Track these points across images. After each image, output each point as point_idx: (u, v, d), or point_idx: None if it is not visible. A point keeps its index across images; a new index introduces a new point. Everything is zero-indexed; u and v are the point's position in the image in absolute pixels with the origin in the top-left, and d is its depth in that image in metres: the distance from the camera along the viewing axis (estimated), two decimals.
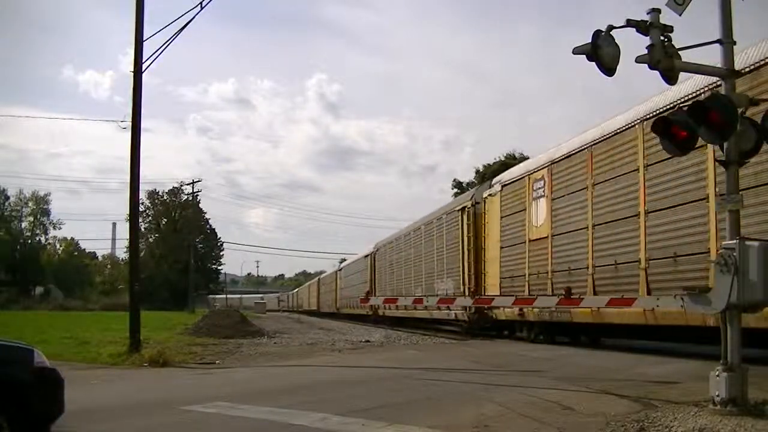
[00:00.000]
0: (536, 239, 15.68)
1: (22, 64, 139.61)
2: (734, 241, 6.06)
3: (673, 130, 6.35)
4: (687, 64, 6.53)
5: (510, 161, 43.00)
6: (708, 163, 9.94)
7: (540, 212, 15.61)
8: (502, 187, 18.18)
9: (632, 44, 6.28)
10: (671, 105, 10.51)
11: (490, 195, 19.07)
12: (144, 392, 9.28)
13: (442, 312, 21.86)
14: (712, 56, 6.72)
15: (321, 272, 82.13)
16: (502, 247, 17.75)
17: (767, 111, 6.44)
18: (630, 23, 6.23)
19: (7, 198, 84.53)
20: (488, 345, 16.91)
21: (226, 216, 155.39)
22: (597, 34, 6.16)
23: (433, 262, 23.75)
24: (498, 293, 17.19)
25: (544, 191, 15.46)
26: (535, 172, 16.24)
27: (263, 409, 7.18)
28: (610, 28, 6.19)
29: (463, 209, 21.04)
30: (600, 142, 13.24)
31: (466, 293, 19.48)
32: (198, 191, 69.09)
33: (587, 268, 13.29)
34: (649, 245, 11.40)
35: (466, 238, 20.29)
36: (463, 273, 20.33)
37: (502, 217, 17.97)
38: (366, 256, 36.21)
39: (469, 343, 17.71)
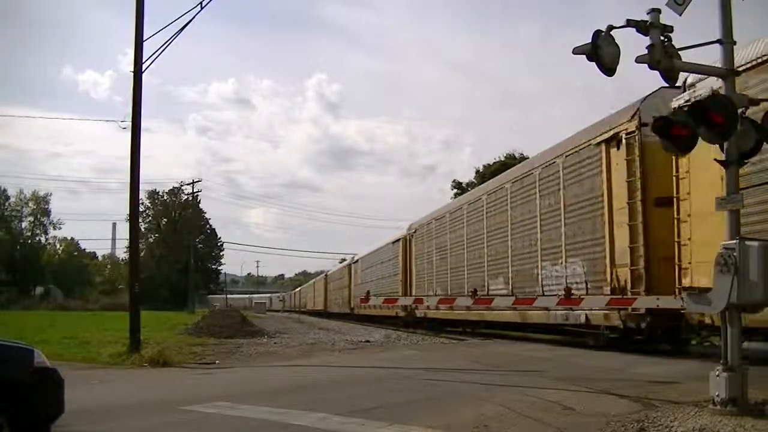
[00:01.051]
0: None
1: (22, 64, 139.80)
2: (734, 241, 6.06)
3: (674, 129, 6.35)
4: (687, 64, 6.54)
5: (510, 161, 42.99)
6: None
7: None
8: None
9: (633, 44, 6.27)
10: None
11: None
12: (144, 392, 9.28)
13: (556, 313, 14.65)
14: (711, 56, 6.72)
15: (321, 272, 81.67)
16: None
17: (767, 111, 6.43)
18: (630, 23, 6.23)
19: (8, 198, 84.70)
20: (488, 345, 16.89)
21: (226, 216, 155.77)
22: (597, 34, 6.16)
23: (532, 236, 15.96)
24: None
25: None
26: None
27: (263, 409, 7.18)
28: (610, 28, 6.19)
29: (612, 140, 12.97)
30: None
31: (622, 280, 12.34)
32: (198, 191, 69.38)
33: None
34: None
35: (621, 186, 12.51)
36: (611, 245, 12.75)
37: None
38: (396, 241, 29.47)
39: (469, 343, 17.69)
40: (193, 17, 14.85)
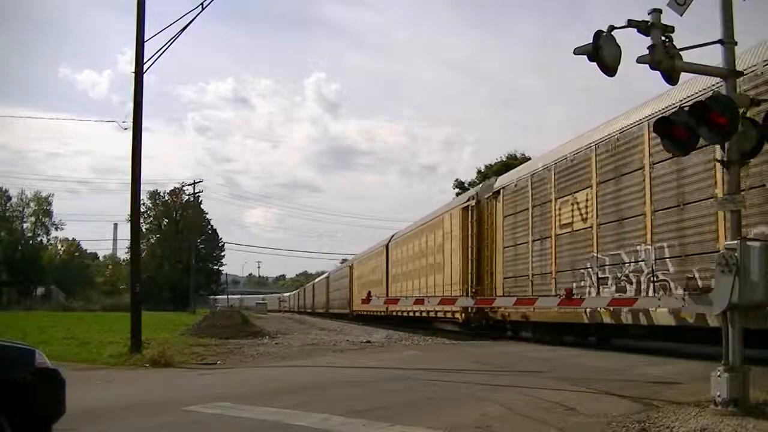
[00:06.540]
0: None
1: (21, 64, 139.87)
2: (735, 242, 6.05)
3: (675, 130, 6.34)
4: (688, 64, 6.53)
5: (511, 161, 43.13)
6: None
7: None
8: None
9: (634, 44, 6.28)
10: None
11: None
12: (145, 392, 9.27)
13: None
14: (712, 56, 6.72)
15: (322, 273, 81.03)
16: None
17: None
18: (631, 24, 6.23)
19: (9, 198, 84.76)
20: (489, 345, 16.88)
21: (227, 216, 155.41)
22: (598, 34, 6.16)
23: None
24: None
25: None
26: None
27: (264, 410, 7.17)
28: (611, 28, 6.19)
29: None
30: None
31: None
32: (199, 191, 69.38)
33: None
34: None
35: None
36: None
37: None
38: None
39: (470, 344, 17.68)
40: (194, 18, 14.81)
